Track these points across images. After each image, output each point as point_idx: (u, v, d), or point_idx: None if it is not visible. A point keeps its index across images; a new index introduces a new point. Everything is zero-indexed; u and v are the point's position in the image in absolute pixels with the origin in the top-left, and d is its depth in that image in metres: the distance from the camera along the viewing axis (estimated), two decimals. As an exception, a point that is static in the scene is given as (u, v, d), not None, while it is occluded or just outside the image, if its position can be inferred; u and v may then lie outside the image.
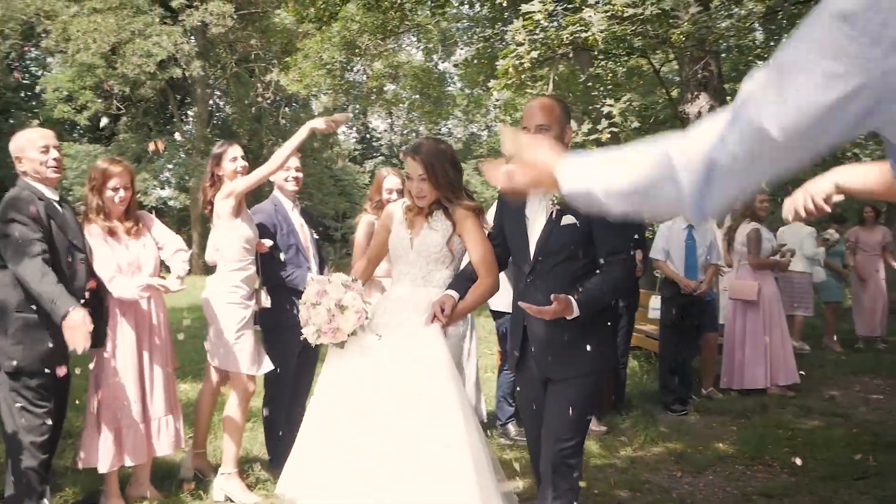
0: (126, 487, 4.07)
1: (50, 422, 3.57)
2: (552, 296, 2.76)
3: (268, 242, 4.38)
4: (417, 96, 23.93)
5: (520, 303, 2.88)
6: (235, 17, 20.95)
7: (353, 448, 2.95)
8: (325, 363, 3.27)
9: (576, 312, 2.79)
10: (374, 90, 19.54)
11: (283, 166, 4.22)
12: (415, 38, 22.55)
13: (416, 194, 3.24)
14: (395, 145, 45.72)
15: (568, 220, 2.93)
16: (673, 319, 6.27)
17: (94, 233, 3.88)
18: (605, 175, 1.31)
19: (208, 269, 4.77)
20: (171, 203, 25.25)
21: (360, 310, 3.03)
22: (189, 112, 27.17)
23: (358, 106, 25.91)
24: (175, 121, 25.71)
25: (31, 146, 3.63)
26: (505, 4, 8.39)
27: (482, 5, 8.90)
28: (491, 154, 20.03)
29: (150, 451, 3.98)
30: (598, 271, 2.94)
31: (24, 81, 24.91)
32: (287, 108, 26.81)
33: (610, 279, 2.89)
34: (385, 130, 46.63)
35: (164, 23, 20.68)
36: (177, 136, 24.93)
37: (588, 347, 2.94)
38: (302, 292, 3.16)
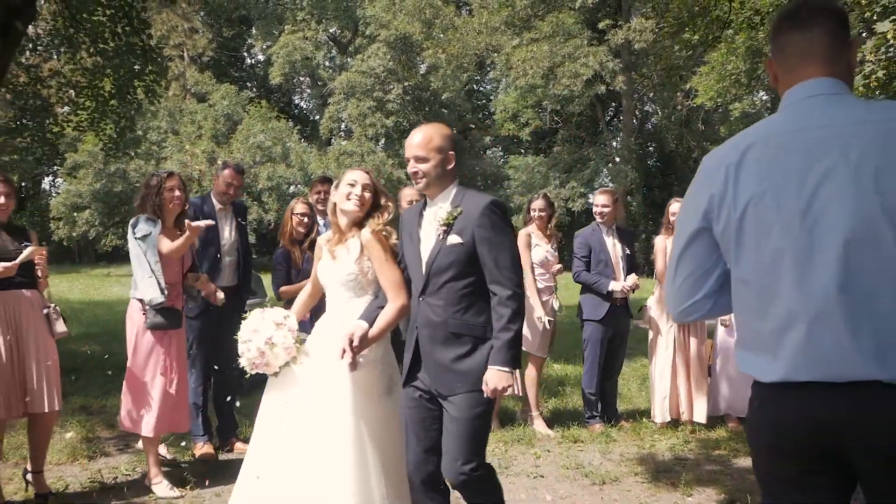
0: None
1: None
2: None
3: (557, 267, 5.95)
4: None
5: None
6: (657, 30, 21.91)
7: (276, 467, 3.19)
8: (265, 391, 3.42)
9: (510, 372, 2.85)
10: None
11: None
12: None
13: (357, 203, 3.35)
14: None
15: (453, 239, 2.93)
16: None
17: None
18: None
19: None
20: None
21: (289, 347, 3.25)
22: (618, 121, 28.98)
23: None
24: (602, 132, 27.71)
25: None
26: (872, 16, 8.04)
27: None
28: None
29: None
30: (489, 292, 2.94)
31: (479, 103, 29.30)
32: (716, 112, 26.84)
33: (504, 320, 2.86)
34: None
35: (591, 44, 22.68)
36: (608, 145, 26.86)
37: (477, 362, 2.92)
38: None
